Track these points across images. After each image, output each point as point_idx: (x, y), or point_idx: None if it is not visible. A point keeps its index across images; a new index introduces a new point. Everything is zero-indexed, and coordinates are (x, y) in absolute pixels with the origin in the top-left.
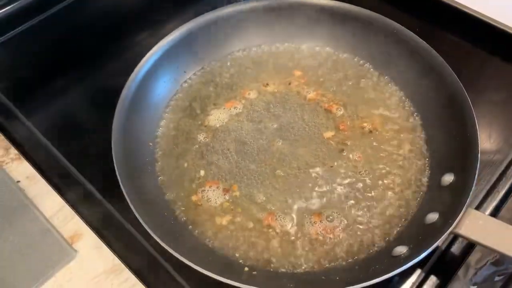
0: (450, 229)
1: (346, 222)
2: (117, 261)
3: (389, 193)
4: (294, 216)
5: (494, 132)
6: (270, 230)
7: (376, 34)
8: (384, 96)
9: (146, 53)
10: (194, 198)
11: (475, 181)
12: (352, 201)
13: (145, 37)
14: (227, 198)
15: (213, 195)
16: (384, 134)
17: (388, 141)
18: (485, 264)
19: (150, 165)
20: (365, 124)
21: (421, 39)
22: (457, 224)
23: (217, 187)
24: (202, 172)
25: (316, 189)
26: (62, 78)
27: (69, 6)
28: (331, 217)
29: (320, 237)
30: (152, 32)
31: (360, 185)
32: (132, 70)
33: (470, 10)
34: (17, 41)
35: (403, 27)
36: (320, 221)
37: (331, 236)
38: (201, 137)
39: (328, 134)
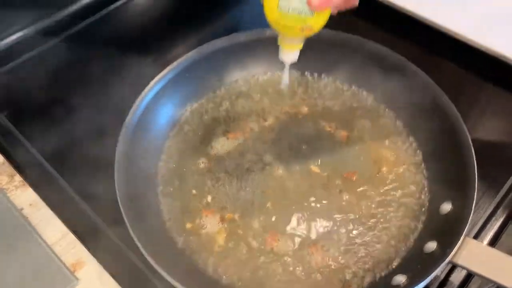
0: (448, 259)
1: (344, 252)
2: None
3: (388, 222)
4: (292, 245)
5: (491, 159)
6: (269, 258)
7: (375, 65)
8: (381, 125)
9: (149, 82)
10: (190, 226)
11: (472, 211)
12: (351, 232)
13: (149, 64)
14: (224, 226)
15: (211, 223)
16: (382, 162)
17: (385, 171)
18: None
19: (152, 192)
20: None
21: (415, 66)
22: (454, 254)
23: (214, 216)
24: (202, 200)
25: (315, 220)
26: (66, 105)
27: (74, 34)
28: (326, 247)
29: (318, 267)
30: (156, 58)
31: (359, 214)
32: (137, 95)
33: (466, 40)
34: (20, 70)
35: (409, 61)
36: (317, 251)
37: (329, 265)
38: (202, 165)
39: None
